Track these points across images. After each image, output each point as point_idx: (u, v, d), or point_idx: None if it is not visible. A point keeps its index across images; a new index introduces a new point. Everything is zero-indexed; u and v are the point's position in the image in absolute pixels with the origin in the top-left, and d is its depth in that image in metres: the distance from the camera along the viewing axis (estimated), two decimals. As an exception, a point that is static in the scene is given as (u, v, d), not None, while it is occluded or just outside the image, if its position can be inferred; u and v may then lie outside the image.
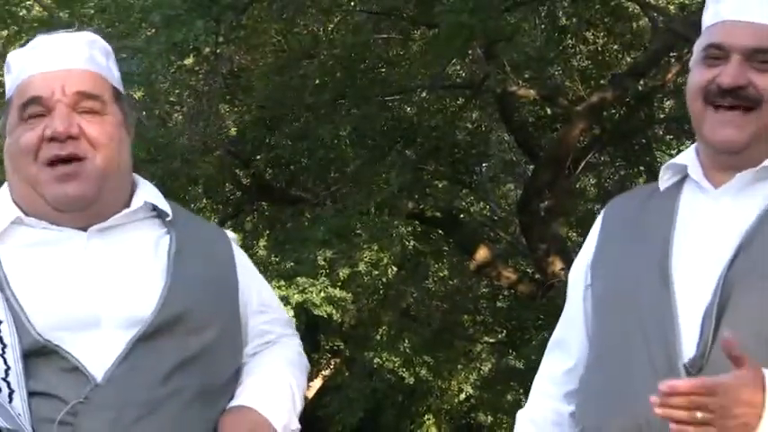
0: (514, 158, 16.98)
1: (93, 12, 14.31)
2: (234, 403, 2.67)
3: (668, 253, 2.69)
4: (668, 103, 14.78)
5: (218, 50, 13.50)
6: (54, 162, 2.53)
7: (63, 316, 2.49)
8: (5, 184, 2.68)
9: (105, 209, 2.61)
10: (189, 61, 13.62)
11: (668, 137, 15.43)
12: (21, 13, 15.70)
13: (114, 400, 2.46)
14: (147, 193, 2.72)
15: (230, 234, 2.98)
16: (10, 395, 2.42)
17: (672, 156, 15.46)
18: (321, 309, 22.60)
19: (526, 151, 15.45)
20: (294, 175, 15.90)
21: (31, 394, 2.43)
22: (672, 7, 14.86)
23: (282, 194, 16.09)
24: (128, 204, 2.66)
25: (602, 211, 3.03)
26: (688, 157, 2.83)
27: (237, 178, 16.02)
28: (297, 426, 2.77)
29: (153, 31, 12.12)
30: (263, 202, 16.69)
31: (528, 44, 14.94)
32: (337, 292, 22.12)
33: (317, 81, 14.21)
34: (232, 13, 12.45)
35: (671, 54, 13.53)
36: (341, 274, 20.10)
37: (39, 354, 2.45)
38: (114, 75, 2.73)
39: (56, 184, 2.53)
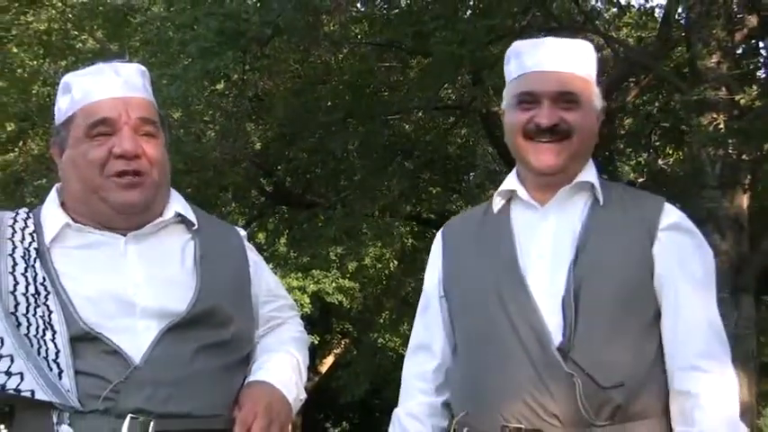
0: (497, 168, 16.94)
1: (138, 44, 14.32)
2: (252, 378, 2.72)
3: (516, 259, 2.76)
4: (628, 121, 14.74)
5: (244, 77, 13.51)
6: (121, 174, 2.57)
7: (104, 307, 2.52)
8: (52, 193, 2.71)
9: (150, 217, 2.65)
10: (220, 86, 13.62)
11: (628, 150, 15.40)
12: (77, 46, 15.70)
13: (150, 380, 2.48)
14: (178, 204, 2.74)
15: (241, 231, 3.00)
16: (59, 374, 2.43)
17: (630, 165, 15.46)
18: (333, 296, 22.67)
19: (507, 162, 15.39)
20: (309, 182, 15.89)
21: (77, 373, 2.45)
22: (631, 40, 14.86)
23: (299, 199, 16.07)
24: (162, 213, 2.70)
25: (439, 232, 3.08)
26: (513, 183, 2.92)
27: (261, 186, 16.00)
28: (304, 395, 2.82)
29: (189, 60, 12.11)
30: (283, 206, 16.66)
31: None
32: (346, 283, 22.18)
33: (329, 103, 14.20)
34: (257, 45, 12.46)
35: (630, 79, 13.51)
36: (349, 267, 20.13)
37: (84, 339, 2.47)
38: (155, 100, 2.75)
39: (122, 192, 2.58)
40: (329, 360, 28.34)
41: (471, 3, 12.73)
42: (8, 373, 2.42)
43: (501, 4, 12.23)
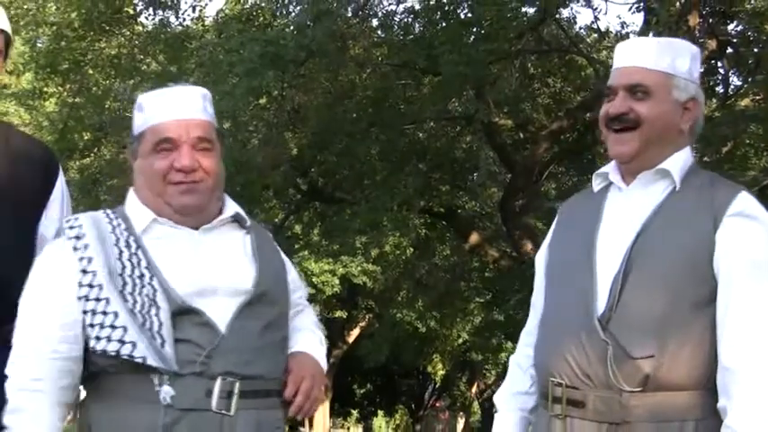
0: (497, 170, 16.93)
1: (194, 66, 14.33)
2: (295, 349, 2.79)
3: (594, 236, 2.69)
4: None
5: (283, 93, 13.53)
6: (180, 182, 2.64)
7: (193, 286, 2.57)
8: (131, 194, 2.77)
9: (208, 215, 2.70)
10: (262, 101, 13.64)
11: (608, 154, 15.36)
12: (143, 68, 15.74)
13: (235, 347, 2.54)
14: (233, 206, 2.79)
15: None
16: (162, 344, 2.49)
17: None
18: (358, 278, 22.70)
19: (505, 165, 15.39)
20: (338, 182, 15.88)
21: (175, 342, 2.50)
22: (610, 60, 14.78)
23: (330, 196, 16.08)
24: (220, 213, 2.75)
25: (559, 208, 3.04)
26: (610, 167, 2.83)
27: (297, 185, 16.01)
28: (326, 364, 2.90)
29: (237, 79, 12.12)
30: (316, 202, 16.68)
31: (506, 87, 14.91)
32: (370, 266, 22.19)
33: (355, 114, 14.20)
34: (293, 66, 12.47)
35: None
36: (372, 253, 20.11)
37: (180, 313, 2.52)
38: (214, 117, 2.81)
39: (181, 196, 2.64)
40: (355, 332, 28.37)
41: (474, 30, 12.68)
42: (122, 342, 2.49)
43: (499, 31, 12.20)
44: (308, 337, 2.87)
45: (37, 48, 16.36)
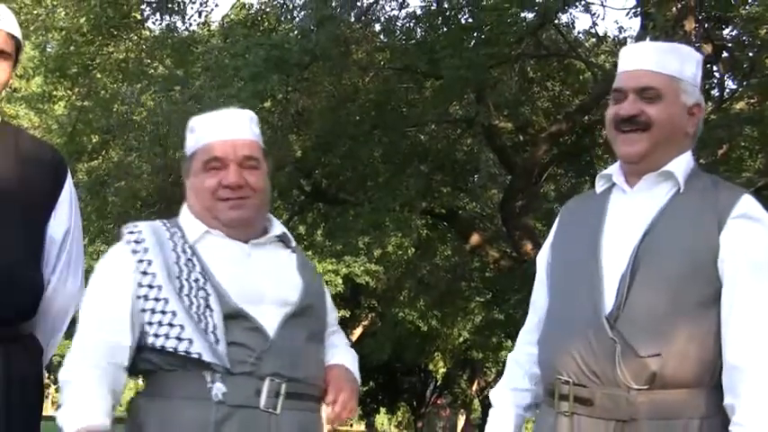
0: (497, 172, 16.92)
1: (200, 70, 14.33)
2: (333, 362, 2.93)
3: (599, 236, 2.70)
4: (605, 132, 14.73)
5: (287, 96, 13.52)
6: (228, 198, 2.79)
7: (244, 294, 2.71)
8: (184, 209, 2.90)
9: (254, 231, 2.85)
10: (267, 104, 13.62)
11: (606, 156, 15.35)
12: (150, 72, 15.75)
13: (283, 351, 2.69)
14: (280, 226, 2.96)
15: None
16: (216, 342, 2.61)
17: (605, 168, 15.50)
18: (361, 278, 22.72)
19: (505, 166, 15.38)
20: (342, 183, 15.87)
21: (227, 343, 2.63)
22: (607, 65, 14.81)
23: (333, 198, 16.07)
24: (266, 231, 2.90)
25: (562, 208, 3.06)
26: (613, 168, 2.84)
27: (302, 186, 16.00)
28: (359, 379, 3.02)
29: (242, 83, 12.12)
30: (320, 203, 16.66)
31: (506, 91, 14.92)
32: (372, 266, 22.21)
33: (358, 117, 14.19)
34: (298, 70, 12.46)
35: (607, 97, 13.44)
36: (375, 253, 20.11)
37: (232, 317, 2.66)
38: (260, 137, 2.94)
39: (229, 211, 2.79)
40: (358, 331, 28.36)
41: (475, 34, 12.69)
42: (179, 339, 2.62)
43: (499, 35, 12.20)
44: (343, 353, 3.01)
45: (46, 52, 16.40)
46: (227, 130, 2.85)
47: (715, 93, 13.76)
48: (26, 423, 2.96)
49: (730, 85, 13.91)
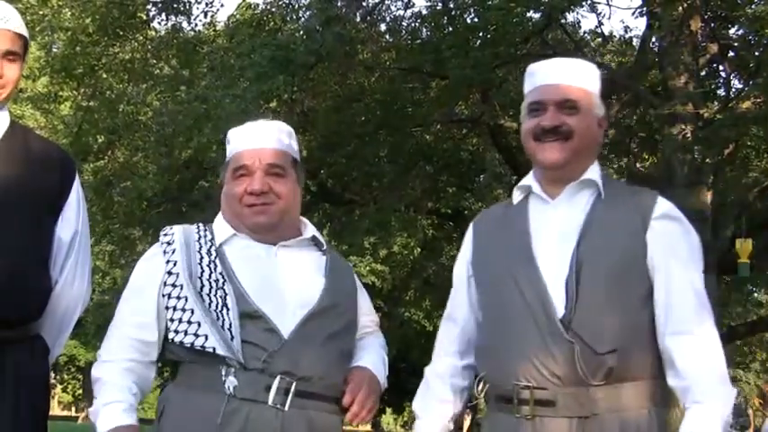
0: (503, 171, 16.92)
1: (205, 70, 14.37)
2: (357, 364, 3.05)
3: (529, 245, 2.79)
4: (610, 131, 14.69)
5: (293, 96, 13.54)
6: (253, 204, 2.94)
7: (263, 294, 2.85)
8: (219, 214, 3.05)
9: (282, 235, 2.98)
10: (273, 104, 13.65)
11: (611, 155, 15.36)
12: (155, 72, 15.77)
13: (296, 351, 2.81)
14: (312, 229, 3.09)
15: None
16: (231, 338, 2.78)
17: (613, 168, 15.39)
18: (367, 278, 22.62)
19: (511, 166, 15.38)
20: (347, 184, 15.90)
21: (242, 342, 2.78)
22: (613, 64, 14.83)
23: (339, 198, 16.10)
24: (298, 234, 3.04)
25: (471, 223, 3.15)
26: (529, 179, 2.94)
27: (307, 186, 15.98)
28: (386, 383, 3.16)
29: (247, 83, 12.15)
30: (326, 203, 16.69)
31: (512, 90, 14.91)
32: (378, 266, 22.16)
33: (363, 117, 14.22)
34: (303, 70, 12.48)
35: (612, 97, 13.47)
36: (381, 253, 20.12)
37: (248, 317, 2.80)
38: (294, 148, 3.08)
39: (253, 216, 2.94)
40: (364, 330, 28.36)
41: (480, 34, 12.69)
42: (196, 335, 2.80)
43: (505, 35, 12.21)
44: (371, 355, 3.13)
45: (52, 53, 16.41)
46: (255, 139, 3.01)
47: (721, 92, 13.76)
48: (33, 423, 2.96)
49: (736, 84, 13.94)
